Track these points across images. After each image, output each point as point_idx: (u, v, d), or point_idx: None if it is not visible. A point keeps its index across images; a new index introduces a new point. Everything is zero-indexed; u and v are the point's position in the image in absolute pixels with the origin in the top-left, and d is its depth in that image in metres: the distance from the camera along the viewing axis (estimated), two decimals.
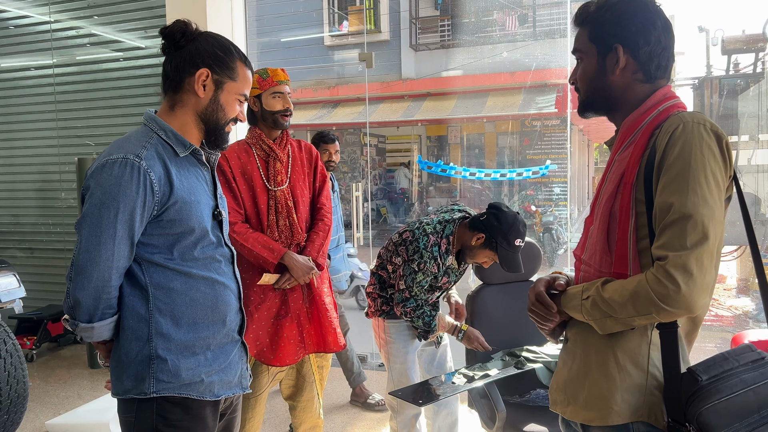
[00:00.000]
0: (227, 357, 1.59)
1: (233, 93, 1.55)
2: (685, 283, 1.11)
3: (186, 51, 1.51)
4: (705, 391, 1.14)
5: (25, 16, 4.96)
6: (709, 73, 8.07)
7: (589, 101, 1.38)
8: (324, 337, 2.45)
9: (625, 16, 1.30)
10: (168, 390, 1.48)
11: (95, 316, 1.45)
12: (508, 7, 11.20)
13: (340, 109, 12.52)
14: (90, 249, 1.40)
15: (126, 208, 1.40)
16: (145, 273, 1.48)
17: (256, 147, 2.44)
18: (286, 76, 2.43)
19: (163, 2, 4.26)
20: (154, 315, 1.48)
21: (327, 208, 2.57)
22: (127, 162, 1.40)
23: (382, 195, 14.57)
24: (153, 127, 1.51)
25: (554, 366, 2.31)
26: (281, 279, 2.35)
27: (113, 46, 4.69)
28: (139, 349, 1.47)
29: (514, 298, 2.62)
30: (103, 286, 1.42)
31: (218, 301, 1.56)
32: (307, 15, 12.60)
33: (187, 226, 1.49)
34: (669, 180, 1.16)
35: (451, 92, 11.89)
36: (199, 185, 1.54)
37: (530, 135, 11.89)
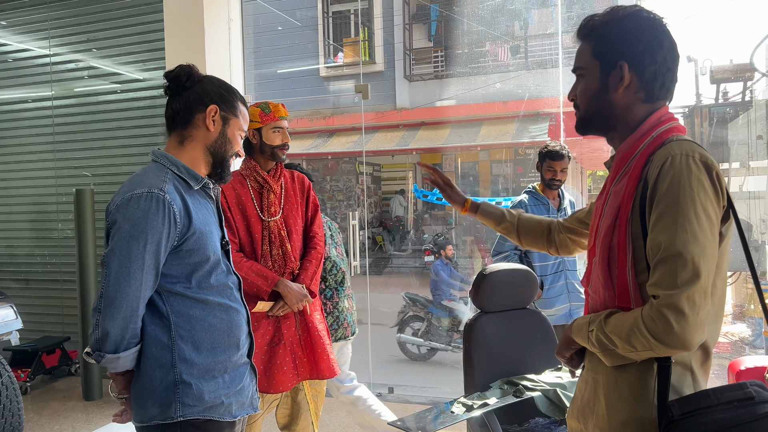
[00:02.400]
0: (242, 379, 1.67)
1: (236, 128, 1.69)
2: (677, 322, 1.10)
3: (194, 91, 1.63)
4: (676, 425, 1.14)
5: (25, 50, 5.03)
6: (698, 101, 8.21)
7: (589, 118, 1.35)
8: (317, 364, 2.47)
9: (633, 33, 1.26)
10: (193, 413, 1.55)
11: (121, 346, 1.50)
12: (500, 38, 11.40)
13: (336, 138, 12.62)
14: (120, 280, 1.46)
15: (153, 240, 1.47)
16: (166, 302, 1.55)
17: (250, 178, 2.49)
18: (286, 112, 2.50)
19: (162, 36, 4.33)
20: (177, 342, 1.55)
21: (319, 237, 2.62)
22: (153, 195, 1.48)
23: (378, 223, 14.59)
24: (165, 163, 1.59)
25: (553, 394, 2.31)
26: (275, 306, 2.38)
27: (112, 79, 4.75)
28: (163, 376, 1.53)
29: (513, 326, 2.62)
30: (131, 315, 1.48)
31: (233, 325, 1.65)
32: (303, 47, 12.78)
33: (204, 255, 1.57)
34: (658, 216, 1.16)
35: (445, 121, 12.02)
36: (209, 216, 1.64)
37: (524, 163, 12.00)
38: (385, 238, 14.06)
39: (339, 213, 14.17)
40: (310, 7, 12.90)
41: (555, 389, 2.32)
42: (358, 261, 4.55)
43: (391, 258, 13.29)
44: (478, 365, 2.50)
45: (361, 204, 13.77)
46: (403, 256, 13.30)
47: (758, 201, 6.61)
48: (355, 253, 4.56)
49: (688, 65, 8.43)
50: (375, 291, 10.04)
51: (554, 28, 10.72)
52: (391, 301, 9.48)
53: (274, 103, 2.49)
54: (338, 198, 14.38)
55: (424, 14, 12.90)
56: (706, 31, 57.16)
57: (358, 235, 4.85)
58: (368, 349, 4.61)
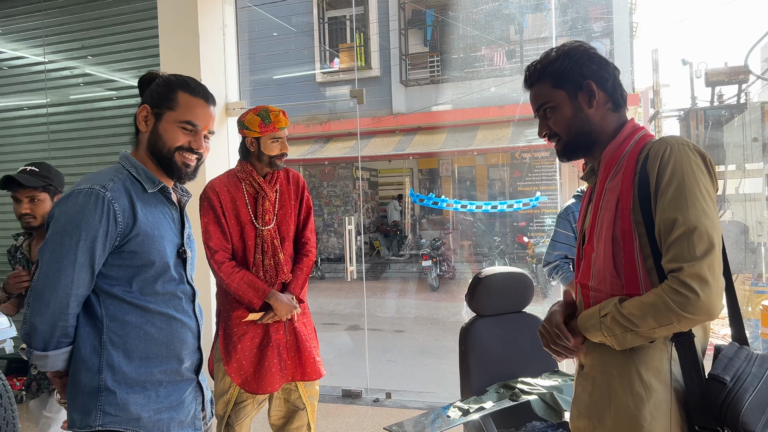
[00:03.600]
0: (180, 395, 1.59)
1: (172, 121, 1.58)
2: (702, 290, 1.18)
3: (142, 96, 1.64)
4: (735, 392, 1.20)
5: (20, 57, 5.02)
6: (694, 104, 8.23)
7: (573, 141, 1.44)
8: (303, 366, 2.49)
9: (584, 57, 1.41)
10: (114, 424, 1.47)
11: (50, 344, 1.45)
12: (495, 43, 11.44)
13: (332, 144, 12.63)
14: (49, 274, 1.42)
15: (88, 236, 1.43)
16: (102, 304, 1.50)
17: (246, 182, 2.47)
18: (287, 121, 2.47)
19: (156, 42, 4.32)
20: (106, 347, 1.48)
21: (311, 243, 2.61)
22: (93, 192, 1.45)
23: (375, 228, 14.60)
24: (125, 164, 1.58)
25: (549, 398, 2.31)
26: (265, 316, 2.40)
27: (106, 86, 4.75)
28: (88, 380, 1.47)
29: (508, 330, 2.62)
30: (60, 313, 1.43)
31: (173, 337, 1.57)
32: (298, 53, 12.81)
33: (148, 260, 1.51)
34: (668, 199, 1.24)
35: (441, 126, 12.04)
36: (164, 222, 1.58)
37: (520, 167, 12.02)
38: (382, 243, 14.07)
39: (336, 218, 14.17)
40: (305, 13, 12.93)
41: (551, 392, 2.32)
42: (355, 266, 4.54)
43: (389, 263, 13.29)
44: (475, 369, 2.50)
45: (358, 209, 13.78)
46: (400, 261, 13.30)
47: (754, 203, 6.62)
48: (351, 258, 4.55)
49: (683, 68, 8.46)
50: (372, 296, 10.05)
51: (548, 32, 10.77)
52: (388, 306, 9.48)
53: (275, 112, 2.45)
54: (335, 203, 14.39)
55: (419, 19, 12.95)
56: (700, 34, 57.47)
57: (355, 241, 4.84)
58: (365, 354, 4.60)
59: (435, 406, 3.77)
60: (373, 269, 12.85)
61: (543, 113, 1.46)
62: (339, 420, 3.84)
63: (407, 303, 9.81)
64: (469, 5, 11.51)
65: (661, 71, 3.26)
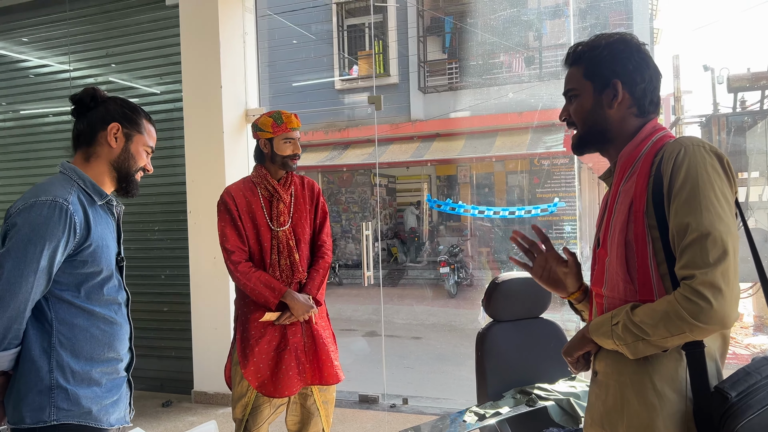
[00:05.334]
0: (118, 390, 1.72)
1: (141, 144, 1.77)
2: (715, 298, 1.13)
3: (98, 111, 1.72)
4: (737, 408, 1.15)
5: (46, 65, 5.14)
6: (716, 110, 8.13)
7: (586, 135, 1.42)
8: (321, 370, 2.49)
9: (623, 54, 1.36)
10: (69, 417, 1.58)
11: (1, 346, 1.53)
12: (513, 49, 11.42)
13: (351, 150, 12.69)
14: (12, 281, 1.50)
15: (51, 246, 1.53)
16: (51, 308, 1.60)
17: (261, 186, 2.52)
18: (298, 123, 2.52)
19: (178, 50, 4.40)
20: (56, 348, 1.59)
21: (327, 245, 2.65)
22: (57, 204, 1.55)
23: (393, 235, 14.60)
24: (72, 176, 1.67)
25: (566, 404, 2.30)
26: (282, 316, 2.42)
27: (129, 93, 4.83)
28: (39, 379, 1.57)
29: (525, 335, 2.61)
30: (16, 316, 1.52)
31: (114, 339, 1.70)
32: (318, 60, 12.92)
33: (97, 268, 1.63)
34: (681, 202, 1.20)
35: (459, 133, 12.03)
36: (108, 231, 1.70)
37: (539, 173, 11.96)
38: (400, 250, 14.06)
39: (354, 224, 14.21)
40: (325, 21, 13.04)
41: (569, 398, 2.31)
42: (372, 272, 4.55)
43: (406, 269, 13.28)
44: (491, 375, 2.49)
45: (376, 215, 13.80)
46: (418, 267, 13.28)
47: None
48: (369, 264, 4.57)
49: (705, 74, 8.37)
50: (389, 303, 10.04)
51: (567, 39, 10.72)
52: (405, 312, 9.47)
53: (287, 114, 2.51)
54: (353, 209, 14.43)
55: (438, 26, 12.98)
56: (722, 39, 56.76)
57: (372, 247, 4.86)
58: (382, 360, 4.60)
59: (452, 412, 3.77)
60: (390, 275, 12.85)
61: (569, 98, 1.45)
62: (356, 425, 3.84)
63: (424, 309, 9.79)
64: (487, 12, 11.51)
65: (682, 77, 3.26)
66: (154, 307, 4.57)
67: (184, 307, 4.43)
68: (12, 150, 5.24)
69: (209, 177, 4.26)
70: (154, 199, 4.65)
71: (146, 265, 4.62)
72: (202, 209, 4.28)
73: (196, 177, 4.31)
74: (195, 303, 4.34)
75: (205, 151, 4.28)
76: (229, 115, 4.28)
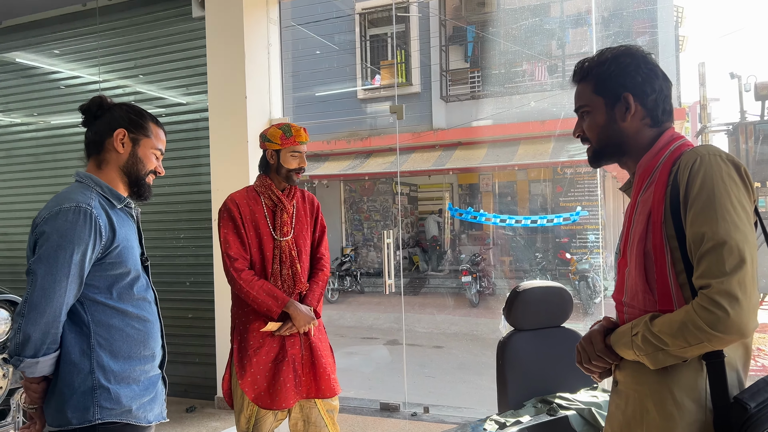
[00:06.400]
0: (154, 388, 1.77)
1: (149, 148, 1.80)
2: (732, 308, 1.12)
3: (104, 118, 1.76)
4: (756, 419, 1.14)
5: (76, 77, 5.27)
6: (743, 118, 8.02)
7: (602, 149, 1.44)
8: (317, 383, 2.49)
9: (630, 67, 1.37)
10: (111, 416, 1.64)
11: (41, 351, 1.58)
12: (536, 58, 11.39)
13: (373, 159, 12.74)
14: (46, 287, 1.55)
15: (79, 250, 1.58)
16: (87, 311, 1.65)
17: (265, 196, 2.53)
18: (306, 137, 2.53)
19: (204, 62, 4.49)
20: (95, 349, 1.64)
21: (326, 258, 2.67)
22: (81, 209, 1.60)
23: (414, 243, 14.60)
24: (89, 183, 1.72)
25: (588, 414, 2.29)
26: (283, 327, 2.42)
27: (156, 103, 4.94)
28: (81, 381, 1.62)
29: (547, 345, 2.60)
30: (53, 321, 1.57)
31: (148, 337, 1.75)
32: (340, 70, 13.02)
33: (125, 268, 1.68)
34: (697, 211, 1.19)
35: (481, 141, 12.02)
36: (131, 233, 1.75)
37: (562, 182, 11.88)
38: (421, 258, 14.04)
39: (375, 233, 14.24)
40: (347, 32, 13.15)
41: (590, 408, 2.29)
42: (393, 280, 4.57)
43: (428, 278, 13.25)
44: (512, 383, 2.49)
45: (397, 224, 13.82)
46: (439, 276, 13.25)
47: None
48: (390, 272, 4.59)
49: (732, 82, 8.27)
50: (410, 311, 10.04)
51: (589, 47, 10.66)
52: (427, 321, 9.46)
53: (297, 127, 2.52)
54: (375, 218, 14.47)
55: (460, 36, 13.00)
56: (750, 46, 55.81)
57: (394, 255, 4.88)
58: (403, 369, 4.61)
59: (472, 420, 3.76)
60: (411, 284, 12.84)
61: (581, 115, 1.46)
62: None
63: (446, 318, 9.76)
64: (509, 21, 11.51)
65: (708, 85, 3.21)
66: (178, 313, 4.64)
67: (208, 314, 4.49)
68: (43, 159, 5.38)
69: (234, 185, 4.29)
70: (179, 207, 4.74)
71: (171, 272, 4.69)
72: None
73: (220, 185, 4.38)
74: (219, 310, 4.40)
75: (230, 160, 4.35)
76: (253, 124, 4.34)
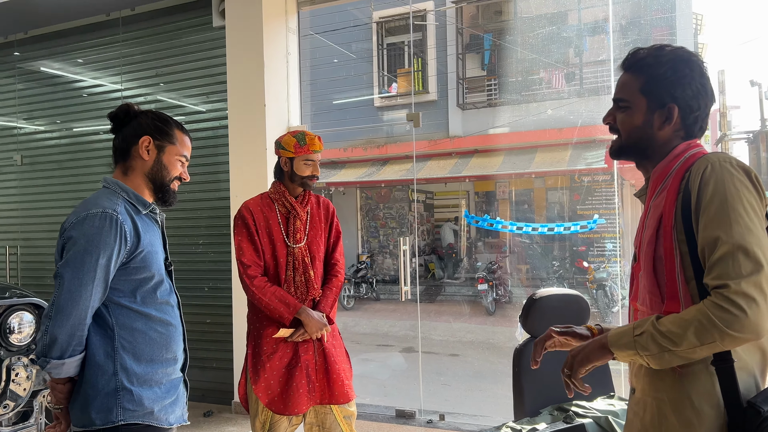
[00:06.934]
0: (176, 390, 1.80)
1: (174, 155, 1.83)
2: (750, 308, 1.12)
3: (131, 126, 1.79)
4: None
5: (99, 85, 5.38)
6: (764, 126, 7.94)
7: (629, 146, 1.41)
8: (331, 389, 2.49)
9: (686, 79, 1.32)
10: (134, 418, 1.67)
11: (67, 353, 1.61)
12: (553, 65, 11.37)
13: (389, 166, 12.78)
14: (72, 290, 1.59)
15: (105, 254, 1.62)
16: (112, 314, 1.69)
17: (279, 203, 2.56)
18: (321, 146, 2.56)
19: (224, 70, 4.56)
20: (119, 352, 1.68)
21: (340, 264, 2.68)
22: (107, 215, 1.64)
23: (430, 250, 14.58)
24: (116, 189, 1.76)
25: (604, 422, 2.28)
26: (295, 333, 2.43)
27: (176, 111, 5.01)
28: (105, 382, 1.65)
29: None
30: (78, 323, 1.61)
31: (171, 340, 1.78)
32: (358, 78, 13.10)
33: (149, 273, 1.72)
34: (710, 217, 1.19)
35: (498, 149, 12.00)
36: (155, 238, 1.79)
37: (579, 190, 11.81)
38: (437, 266, 14.02)
39: (391, 240, 14.26)
40: (365, 40, 13.24)
41: (606, 416, 2.29)
42: (409, 287, 4.58)
43: (444, 286, 13.23)
44: (528, 391, 2.48)
45: (414, 231, 13.82)
46: (455, 284, 13.22)
47: None
48: (406, 279, 4.60)
49: (752, 89, 8.19)
50: (426, 319, 10.01)
51: (606, 55, 10.63)
52: (443, 329, 9.43)
53: (311, 136, 2.55)
54: (391, 225, 14.49)
55: (477, 44, 13.02)
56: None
57: (410, 262, 4.90)
58: (419, 376, 4.62)
59: (488, 428, 3.75)
60: (427, 291, 12.82)
61: (618, 106, 1.42)
62: None
63: (462, 326, 9.73)
64: (527, 29, 11.51)
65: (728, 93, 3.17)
66: (197, 318, 4.69)
67: (226, 319, 4.54)
68: (66, 166, 5.48)
69: (252, 192, 4.33)
70: (198, 213, 4.80)
71: (190, 277, 4.75)
72: None
73: (239, 192, 4.44)
74: (236, 315, 4.44)
75: (249, 168, 4.41)
76: (272, 132, 4.40)
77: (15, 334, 3.04)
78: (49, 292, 1.67)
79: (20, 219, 5.68)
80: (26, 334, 3.08)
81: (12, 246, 5.62)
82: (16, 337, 3.04)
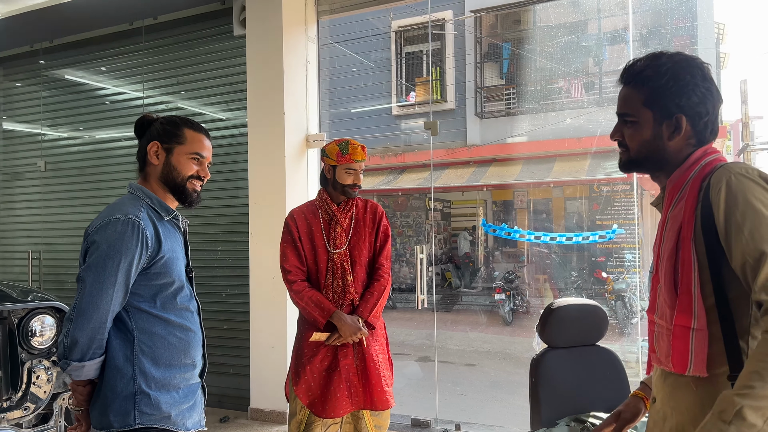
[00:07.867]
0: (194, 396, 1.82)
1: (184, 154, 1.83)
2: None
3: (145, 135, 1.84)
4: None
5: (121, 93, 5.47)
6: None
7: (639, 160, 1.39)
8: (371, 395, 2.51)
9: (689, 87, 1.30)
10: (151, 421, 1.68)
11: (87, 355, 1.64)
12: (572, 75, 11.32)
13: (406, 174, 12.79)
14: (93, 294, 1.62)
15: (126, 260, 1.64)
16: (132, 318, 1.71)
17: (322, 210, 2.63)
18: (364, 156, 2.63)
19: (244, 78, 4.61)
20: (138, 356, 1.70)
21: (385, 268, 2.69)
22: (129, 221, 1.67)
23: (447, 259, 14.54)
24: (140, 195, 1.79)
25: None
26: (330, 337, 2.48)
27: (197, 119, 5.03)
28: (124, 386, 1.67)
29: (581, 363, 2.57)
30: (99, 327, 1.63)
31: (189, 346, 1.79)
32: (376, 87, 13.16)
33: (170, 279, 1.74)
34: (749, 234, 1.15)
35: (516, 158, 11.96)
36: (177, 244, 1.81)
37: (598, 200, 11.71)
38: (454, 275, 13.97)
39: (408, 248, 14.24)
40: (383, 49, 13.30)
41: None
42: (426, 295, 4.57)
43: (461, 295, 13.17)
44: (545, 401, 2.47)
45: (430, 240, 13.79)
46: (472, 293, 13.15)
47: None
48: (422, 288, 4.60)
49: None
50: (443, 328, 9.98)
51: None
52: (459, 338, 9.38)
53: (354, 145, 2.61)
54: (408, 233, 14.47)
55: (495, 53, 13.01)
56: None
57: (426, 270, 4.89)
58: (435, 385, 4.59)
59: None
60: (444, 300, 12.78)
61: (623, 121, 1.39)
62: None
63: (479, 336, 9.68)
64: (545, 38, 11.48)
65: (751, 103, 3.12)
66: (214, 324, 4.72)
67: (244, 326, 4.56)
68: (88, 172, 5.57)
69: (271, 200, 4.41)
70: (217, 220, 4.85)
71: (208, 283, 4.79)
72: (263, 231, 4.43)
73: (258, 199, 4.47)
74: (254, 322, 4.47)
75: (268, 175, 4.44)
76: (291, 140, 4.43)
77: (36, 337, 3.08)
78: (70, 297, 1.70)
79: (43, 224, 5.78)
80: (47, 337, 3.12)
81: (35, 250, 5.71)
82: (38, 340, 3.09)
